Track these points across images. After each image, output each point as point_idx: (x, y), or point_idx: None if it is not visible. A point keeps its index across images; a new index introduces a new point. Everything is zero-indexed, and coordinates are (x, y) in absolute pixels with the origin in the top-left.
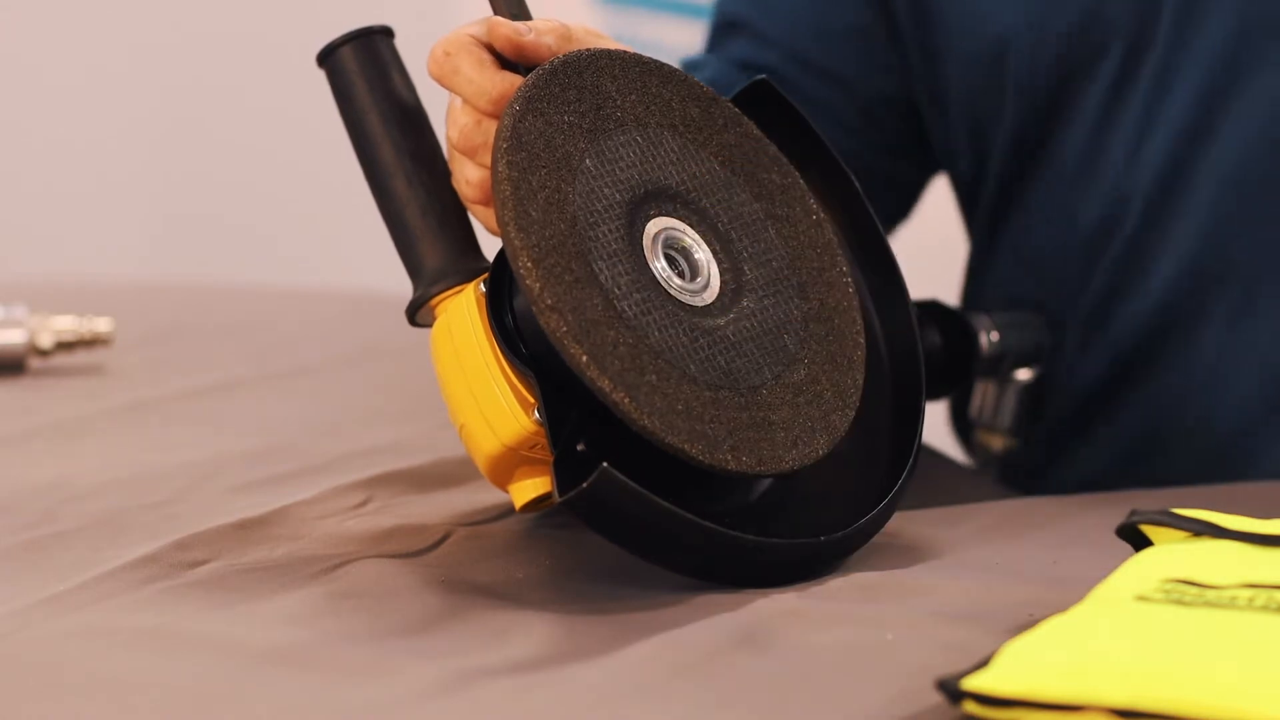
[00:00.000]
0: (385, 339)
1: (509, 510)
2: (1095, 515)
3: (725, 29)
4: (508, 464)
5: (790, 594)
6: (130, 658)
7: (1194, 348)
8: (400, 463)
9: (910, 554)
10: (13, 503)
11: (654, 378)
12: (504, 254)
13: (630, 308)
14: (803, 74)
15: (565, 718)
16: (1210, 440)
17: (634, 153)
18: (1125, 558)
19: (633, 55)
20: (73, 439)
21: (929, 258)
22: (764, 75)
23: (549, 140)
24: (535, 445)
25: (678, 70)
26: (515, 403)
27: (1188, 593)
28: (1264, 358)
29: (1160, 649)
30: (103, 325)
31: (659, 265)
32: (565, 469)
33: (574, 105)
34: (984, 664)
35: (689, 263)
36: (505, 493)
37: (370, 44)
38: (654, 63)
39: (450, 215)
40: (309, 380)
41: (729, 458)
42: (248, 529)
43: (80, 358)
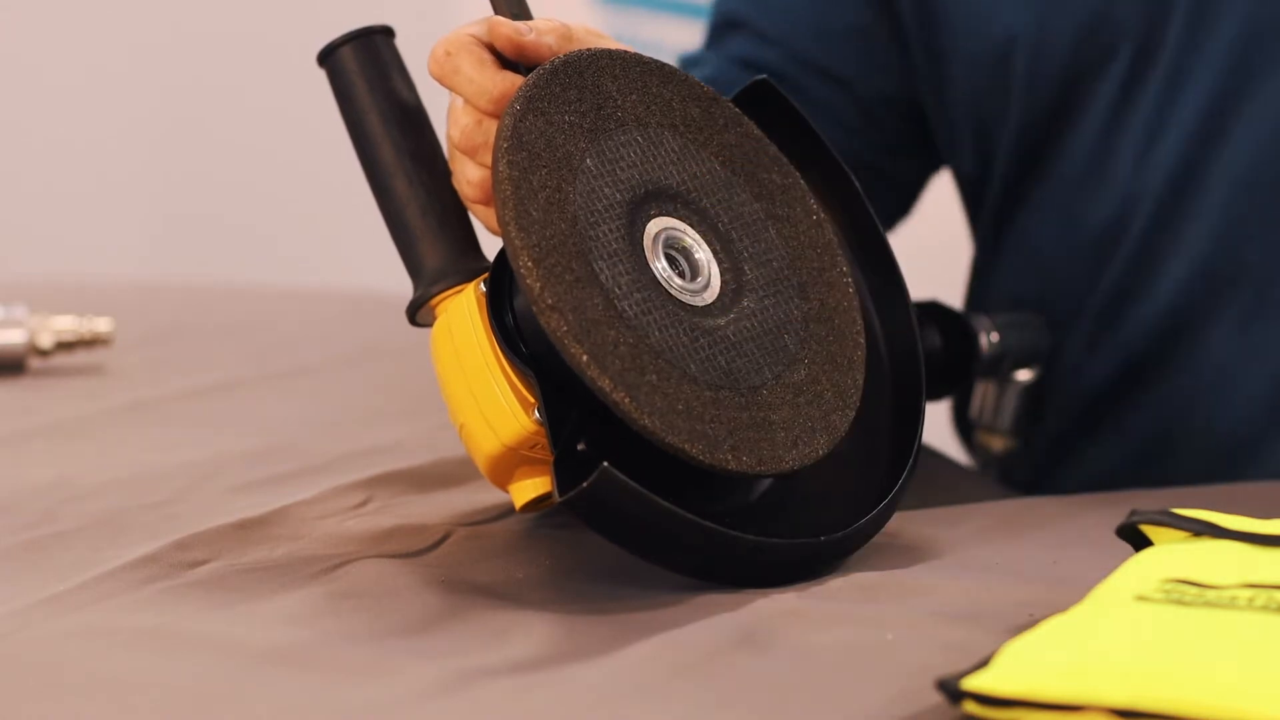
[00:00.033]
0: (385, 339)
1: (509, 510)
2: (1095, 515)
3: (725, 26)
4: (508, 464)
5: (790, 594)
6: (130, 658)
7: (1204, 349)
8: (400, 463)
9: (910, 554)
10: (13, 503)
11: (654, 377)
12: (504, 254)
13: (631, 307)
14: (802, 73)
15: (565, 718)
16: (1218, 442)
17: (635, 152)
18: (1125, 558)
19: (633, 55)
20: (73, 439)
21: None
22: (764, 75)
23: (550, 140)
24: (535, 445)
25: (678, 70)
26: (515, 402)
27: (1188, 593)
28: (1275, 359)
29: (1160, 649)
30: (103, 325)
31: (659, 265)
32: (565, 469)
33: (575, 105)
34: (984, 664)
35: (689, 263)
36: (505, 493)
37: (371, 44)
38: (655, 63)
39: (451, 215)
40: (309, 380)
41: (729, 457)
42: (248, 529)
43: (80, 358)
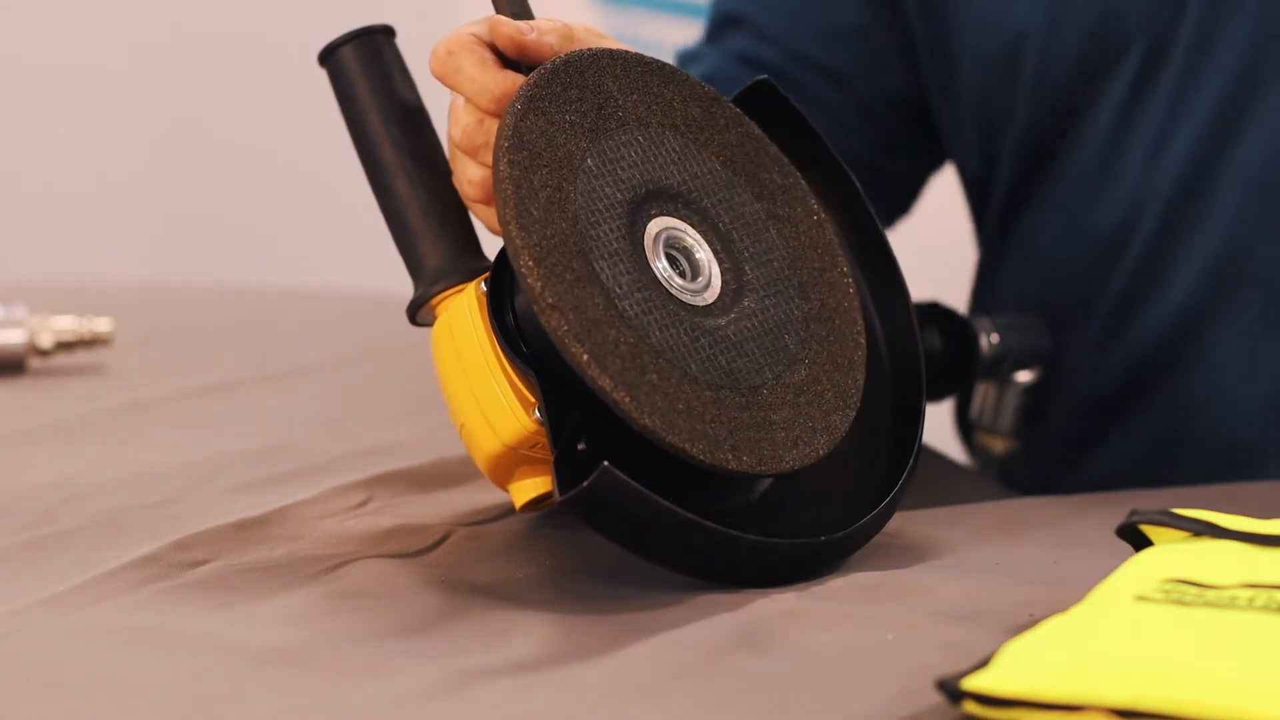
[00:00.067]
0: (385, 339)
1: (509, 510)
2: (1095, 515)
3: (724, 23)
4: (508, 463)
5: (790, 594)
6: (130, 658)
7: (1213, 352)
8: (400, 463)
9: (910, 554)
10: (13, 503)
11: (655, 377)
12: (505, 253)
13: (631, 307)
14: (801, 70)
15: (565, 718)
16: (1225, 446)
17: (635, 152)
18: (1125, 558)
19: (634, 55)
20: (73, 439)
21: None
22: (765, 75)
23: (551, 139)
24: (536, 444)
25: (679, 70)
26: (516, 402)
27: (1188, 593)
28: None
29: (1160, 649)
30: (103, 325)
31: (660, 265)
32: (566, 468)
33: (576, 105)
34: (984, 664)
35: (690, 262)
36: (505, 492)
37: (372, 43)
38: (656, 63)
39: (451, 214)
40: (309, 380)
41: (729, 457)
42: (248, 529)
43: (80, 358)
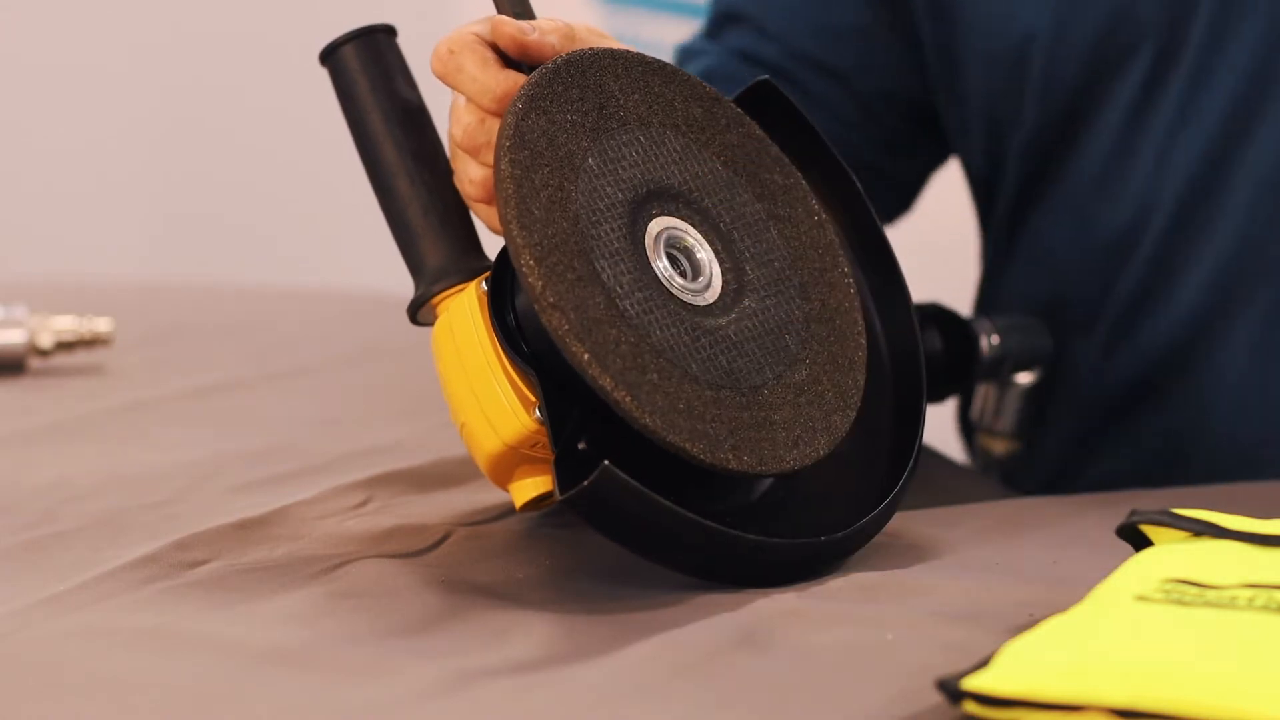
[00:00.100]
0: (385, 339)
1: (509, 510)
2: (1095, 515)
3: (725, 19)
4: (509, 463)
5: (790, 594)
6: (130, 658)
7: (1221, 356)
8: (400, 463)
9: (910, 554)
10: (13, 503)
11: (655, 376)
12: (506, 252)
13: (632, 306)
14: (801, 68)
15: (565, 718)
16: (1232, 450)
17: (637, 152)
18: (1125, 558)
19: (636, 55)
20: (73, 439)
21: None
22: (766, 75)
23: (552, 139)
24: (536, 444)
25: (681, 70)
26: (516, 401)
27: (1188, 593)
28: None
29: (1160, 649)
30: (103, 325)
31: (661, 264)
32: (566, 467)
33: (577, 104)
34: (984, 664)
35: (691, 262)
36: (505, 492)
37: (373, 43)
38: (657, 62)
39: (452, 214)
40: (309, 380)
41: (730, 457)
42: (248, 529)
43: (80, 358)
